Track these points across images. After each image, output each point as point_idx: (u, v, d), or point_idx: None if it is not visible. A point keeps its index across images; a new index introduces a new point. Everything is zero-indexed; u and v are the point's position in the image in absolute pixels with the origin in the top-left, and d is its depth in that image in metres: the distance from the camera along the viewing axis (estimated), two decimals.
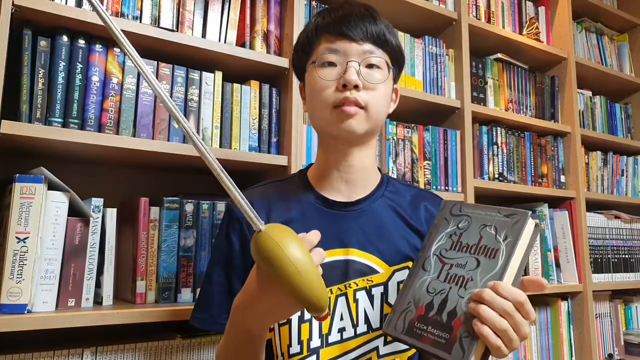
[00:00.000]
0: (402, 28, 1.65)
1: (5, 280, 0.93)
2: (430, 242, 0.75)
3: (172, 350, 1.08)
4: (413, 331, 0.67)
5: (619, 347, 2.08)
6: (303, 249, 0.60)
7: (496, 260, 0.66)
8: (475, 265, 0.67)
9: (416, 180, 1.58)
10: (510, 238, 0.66)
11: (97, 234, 1.06)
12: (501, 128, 1.84)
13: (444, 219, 0.76)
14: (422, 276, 0.72)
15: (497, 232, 0.68)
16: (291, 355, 0.80)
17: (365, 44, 0.82)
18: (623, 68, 2.45)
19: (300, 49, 0.89)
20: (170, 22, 1.20)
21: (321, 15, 0.87)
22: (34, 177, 0.97)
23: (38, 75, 1.04)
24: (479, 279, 0.65)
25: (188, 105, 1.21)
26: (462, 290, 0.66)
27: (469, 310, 0.63)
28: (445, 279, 0.69)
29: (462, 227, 0.73)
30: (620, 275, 2.10)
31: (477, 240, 0.69)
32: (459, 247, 0.71)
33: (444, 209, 0.77)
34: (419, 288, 0.71)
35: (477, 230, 0.71)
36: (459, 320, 0.64)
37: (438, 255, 0.72)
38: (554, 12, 2.16)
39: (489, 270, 0.65)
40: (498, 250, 0.66)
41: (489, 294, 0.61)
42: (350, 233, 0.84)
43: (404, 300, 0.71)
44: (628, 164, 2.32)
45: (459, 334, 0.63)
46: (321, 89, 0.82)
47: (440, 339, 0.64)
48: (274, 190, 0.91)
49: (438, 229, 0.75)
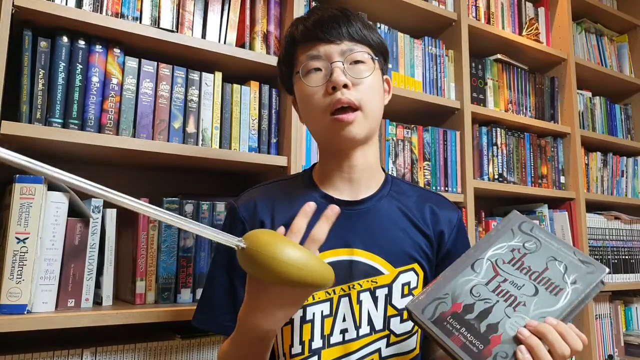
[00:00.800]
0: (401, 29, 1.66)
1: (5, 281, 0.93)
2: (488, 246, 0.73)
3: (171, 350, 1.08)
4: (443, 324, 0.66)
5: (619, 348, 2.08)
6: (291, 244, 0.60)
7: (557, 299, 0.65)
8: (532, 292, 0.66)
9: (416, 181, 1.58)
10: (579, 285, 0.66)
11: (96, 234, 1.06)
12: (501, 129, 1.84)
13: (510, 230, 0.74)
14: (469, 275, 0.70)
15: (567, 272, 0.68)
16: (293, 355, 0.79)
17: (344, 42, 0.82)
18: (623, 69, 2.45)
19: (283, 64, 0.89)
20: (170, 22, 1.20)
21: (294, 26, 0.86)
22: (33, 177, 0.96)
23: (38, 75, 1.04)
24: (532, 309, 0.65)
25: (188, 105, 1.21)
26: (510, 310, 0.65)
27: (518, 335, 0.62)
28: (494, 290, 0.68)
29: (528, 248, 0.71)
30: (620, 276, 2.10)
31: (542, 270, 0.69)
32: (519, 266, 0.70)
33: (513, 220, 0.75)
34: (461, 285, 0.69)
35: (544, 259, 0.70)
36: (498, 338, 0.63)
37: (493, 262, 0.71)
38: (553, 13, 2.16)
39: (547, 305, 0.65)
40: (562, 290, 0.66)
41: (553, 334, 0.61)
42: (355, 233, 0.83)
43: (440, 288, 0.70)
44: (628, 165, 2.32)
45: (495, 351, 0.62)
46: (311, 96, 0.82)
47: (472, 345, 0.63)
48: (277, 189, 0.91)
49: (500, 236, 0.74)
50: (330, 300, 0.80)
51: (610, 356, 2.02)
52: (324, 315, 0.80)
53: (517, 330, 0.62)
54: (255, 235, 0.60)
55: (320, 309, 0.80)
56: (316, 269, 0.60)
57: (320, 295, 0.80)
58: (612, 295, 2.11)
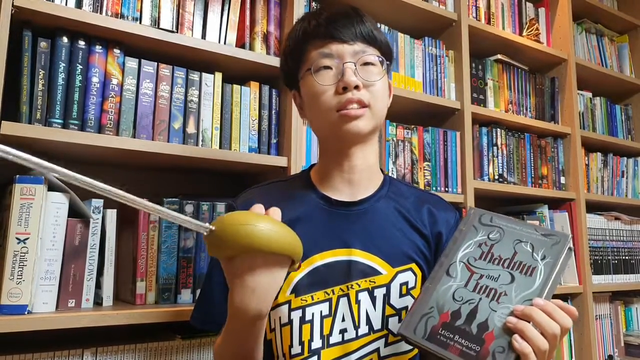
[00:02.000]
0: (401, 29, 1.66)
1: (6, 281, 0.93)
2: (456, 248, 0.73)
3: (172, 350, 1.08)
4: (437, 338, 0.66)
5: (619, 348, 2.08)
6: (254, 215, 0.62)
7: (533, 279, 0.65)
8: (509, 279, 0.67)
9: (416, 181, 1.58)
10: (549, 258, 0.66)
11: (97, 235, 1.06)
12: (501, 129, 1.84)
13: (472, 227, 0.74)
14: (447, 282, 0.70)
15: (534, 250, 0.68)
16: (292, 356, 0.80)
17: (357, 43, 0.82)
18: (623, 69, 2.45)
19: (290, 56, 0.88)
20: (170, 23, 1.20)
21: (306, 20, 0.86)
22: (34, 178, 0.97)
23: (38, 76, 1.04)
24: (514, 295, 0.65)
25: (188, 106, 1.21)
26: (494, 303, 0.65)
27: (507, 325, 0.62)
28: (474, 289, 0.68)
29: (493, 238, 0.72)
30: (621, 276, 2.10)
31: (511, 255, 0.69)
32: (489, 259, 0.70)
33: (473, 217, 0.76)
34: (443, 294, 0.69)
35: (511, 245, 0.70)
36: (491, 334, 0.63)
37: (465, 262, 0.71)
38: (554, 13, 2.16)
39: (526, 287, 0.65)
40: (535, 268, 0.66)
41: (540, 315, 0.61)
42: (353, 233, 0.84)
43: (424, 304, 0.70)
44: (628, 166, 2.32)
45: (492, 348, 0.62)
46: (321, 94, 0.82)
47: (469, 350, 0.63)
48: (276, 190, 0.91)
49: (465, 235, 0.74)
50: (329, 300, 0.81)
51: (610, 356, 2.02)
52: (323, 316, 0.80)
53: (505, 320, 0.63)
54: (222, 217, 0.63)
55: (320, 309, 0.80)
56: (281, 233, 0.62)
57: (320, 295, 0.80)
58: (612, 295, 2.11)
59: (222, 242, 0.61)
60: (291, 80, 0.90)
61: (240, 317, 0.67)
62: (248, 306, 0.64)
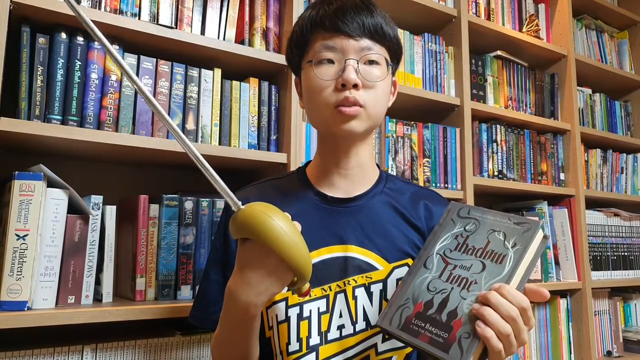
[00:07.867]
0: (401, 25, 1.65)
1: (5, 278, 0.93)
2: (434, 241, 0.75)
3: (171, 347, 1.08)
4: (409, 327, 0.67)
5: (617, 344, 2.08)
6: (287, 219, 0.63)
7: (503, 266, 0.66)
8: (480, 268, 0.67)
9: (415, 177, 1.58)
10: (519, 246, 0.67)
11: (96, 231, 1.06)
12: (501, 126, 1.84)
13: (451, 220, 0.75)
14: (423, 274, 0.72)
15: (506, 239, 0.69)
16: (290, 353, 0.80)
17: (363, 39, 0.80)
18: (623, 65, 2.45)
19: (295, 44, 0.87)
20: (169, 19, 1.20)
21: (315, 9, 0.84)
22: (33, 174, 0.97)
23: (37, 72, 1.04)
24: (484, 283, 0.66)
25: (187, 102, 1.21)
26: (465, 292, 0.66)
27: (472, 311, 0.63)
28: (447, 279, 0.69)
29: (469, 229, 0.73)
30: (619, 272, 2.10)
31: (484, 245, 0.70)
32: (464, 249, 0.71)
33: (452, 210, 0.77)
34: (418, 285, 0.71)
35: (485, 235, 0.71)
36: (459, 321, 0.64)
37: (441, 254, 0.72)
38: (554, 9, 2.16)
39: (495, 275, 0.66)
40: (506, 256, 0.67)
41: (496, 297, 0.62)
42: (349, 230, 0.84)
43: (401, 295, 0.71)
44: (628, 162, 2.32)
45: (459, 334, 0.63)
46: (320, 89, 0.81)
47: (438, 337, 0.64)
48: (271, 188, 0.91)
49: (444, 229, 0.75)
50: (326, 297, 0.81)
51: (609, 352, 2.02)
52: (320, 312, 0.80)
53: (472, 307, 0.64)
54: (255, 203, 0.64)
55: (317, 306, 0.80)
56: (300, 247, 0.63)
57: (317, 292, 0.81)
58: (611, 291, 2.11)
59: (247, 223, 0.62)
60: (295, 67, 0.90)
61: (231, 300, 0.68)
62: (238, 293, 0.66)
